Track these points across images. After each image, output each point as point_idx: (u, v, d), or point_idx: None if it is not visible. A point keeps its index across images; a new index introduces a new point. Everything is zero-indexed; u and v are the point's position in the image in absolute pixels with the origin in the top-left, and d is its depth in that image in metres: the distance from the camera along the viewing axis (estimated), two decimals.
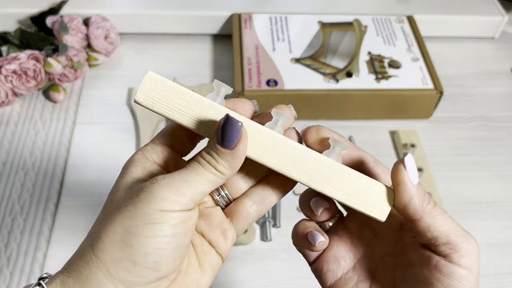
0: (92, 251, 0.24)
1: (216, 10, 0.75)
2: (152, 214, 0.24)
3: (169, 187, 0.25)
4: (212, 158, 0.26)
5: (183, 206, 0.25)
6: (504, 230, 0.58)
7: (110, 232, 0.24)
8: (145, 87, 0.27)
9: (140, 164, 0.27)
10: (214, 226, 0.29)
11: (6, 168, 0.60)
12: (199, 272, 0.28)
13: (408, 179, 0.27)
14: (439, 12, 0.78)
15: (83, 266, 0.24)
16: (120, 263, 0.24)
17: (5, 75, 0.63)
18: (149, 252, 0.24)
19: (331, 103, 0.65)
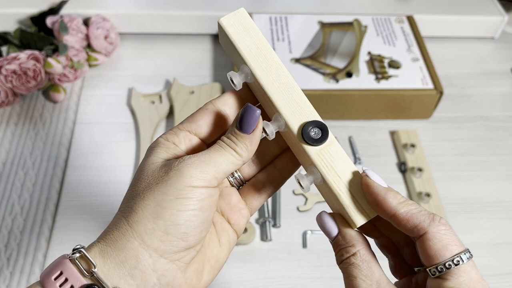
0: (127, 223, 0.27)
1: (216, 10, 0.75)
2: (181, 189, 0.27)
3: (195, 165, 0.27)
4: (231, 141, 0.29)
5: (207, 183, 0.27)
6: (504, 230, 0.58)
7: (143, 206, 0.27)
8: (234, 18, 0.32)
9: (164, 146, 0.30)
10: (232, 205, 0.33)
11: (6, 168, 0.60)
12: (219, 247, 0.32)
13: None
14: (439, 12, 0.78)
15: (120, 236, 0.27)
16: (153, 233, 0.26)
17: (5, 75, 0.63)
18: (179, 224, 0.27)
19: (331, 103, 0.65)
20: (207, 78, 0.72)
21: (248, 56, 0.30)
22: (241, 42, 0.30)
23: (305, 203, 0.58)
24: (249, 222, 0.56)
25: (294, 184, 0.59)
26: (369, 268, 0.28)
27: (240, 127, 0.29)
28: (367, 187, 0.29)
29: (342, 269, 0.29)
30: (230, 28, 0.31)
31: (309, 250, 0.55)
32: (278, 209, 0.57)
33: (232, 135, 0.29)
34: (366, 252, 0.29)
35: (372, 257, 0.29)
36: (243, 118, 0.29)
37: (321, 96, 0.64)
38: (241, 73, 0.31)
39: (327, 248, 0.34)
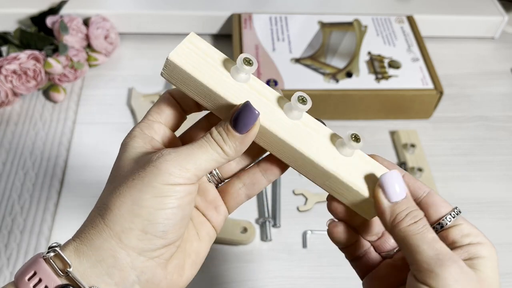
0: (103, 221, 0.26)
1: (216, 10, 0.75)
2: (159, 187, 0.26)
3: (174, 163, 0.26)
4: (221, 138, 0.27)
5: (187, 180, 0.26)
6: (504, 230, 0.58)
7: (120, 204, 0.26)
8: (167, 71, 0.29)
9: (140, 139, 0.29)
10: (208, 201, 0.32)
11: (6, 168, 0.60)
12: (198, 240, 0.30)
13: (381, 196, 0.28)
14: (439, 12, 0.78)
15: (96, 235, 0.26)
16: (130, 232, 0.26)
17: (5, 75, 0.63)
18: (158, 222, 0.26)
19: (331, 103, 0.65)
20: None
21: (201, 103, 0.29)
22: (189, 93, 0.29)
23: (305, 203, 0.58)
24: (249, 222, 0.56)
25: (294, 184, 0.59)
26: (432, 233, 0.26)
27: (234, 124, 0.27)
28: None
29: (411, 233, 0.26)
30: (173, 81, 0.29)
31: (309, 250, 0.55)
32: (278, 209, 0.57)
33: (223, 131, 0.27)
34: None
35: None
36: (239, 116, 0.27)
37: (321, 96, 0.64)
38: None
39: (327, 248, 0.34)
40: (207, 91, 0.28)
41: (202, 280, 0.52)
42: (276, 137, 0.28)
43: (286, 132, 0.28)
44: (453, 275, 0.25)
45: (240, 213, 0.56)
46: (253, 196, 0.32)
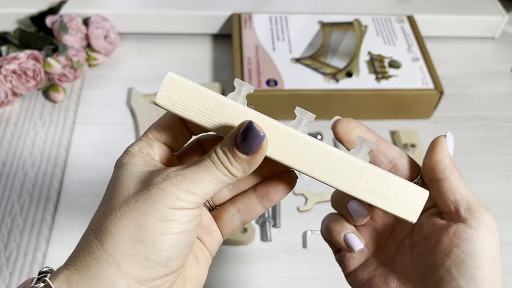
0: (101, 246, 0.24)
1: (216, 10, 0.75)
2: (164, 211, 0.24)
3: (181, 186, 0.24)
4: (227, 159, 0.25)
5: (193, 204, 0.25)
6: (504, 230, 0.58)
7: (121, 228, 0.24)
8: (165, 89, 0.26)
9: (141, 159, 0.27)
10: (203, 226, 0.30)
11: (5, 168, 0.60)
12: (197, 265, 0.29)
13: (445, 142, 0.29)
14: (439, 12, 0.78)
15: (92, 262, 0.24)
16: (132, 259, 0.24)
17: (4, 75, 0.63)
18: (162, 249, 0.24)
19: (331, 103, 0.65)
20: (207, 78, 0.72)
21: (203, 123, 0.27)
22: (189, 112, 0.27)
23: (305, 203, 0.58)
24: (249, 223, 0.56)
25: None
26: None
27: (240, 147, 0.25)
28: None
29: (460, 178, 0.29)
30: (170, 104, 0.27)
31: (309, 250, 0.55)
32: (278, 209, 0.57)
33: (228, 152, 0.25)
34: None
35: None
36: (244, 138, 0.25)
37: (321, 96, 0.64)
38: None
39: (327, 248, 0.34)
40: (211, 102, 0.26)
41: None
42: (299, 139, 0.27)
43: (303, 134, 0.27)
44: (494, 221, 0.27)
45: None
46: (247, 222, 0.31)
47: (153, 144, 0.28)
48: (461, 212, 0.27)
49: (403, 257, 0.30)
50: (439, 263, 0.27)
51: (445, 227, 0.28)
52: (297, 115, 0.28)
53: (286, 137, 0.27)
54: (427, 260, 0.28)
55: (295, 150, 0.27)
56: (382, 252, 0.32)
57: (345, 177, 0.27)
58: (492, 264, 0.26)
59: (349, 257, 0.32)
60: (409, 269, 0.29)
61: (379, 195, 0.27)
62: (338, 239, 0.30)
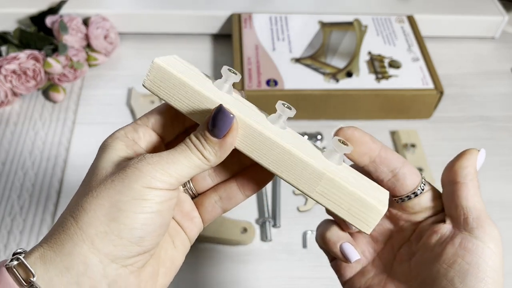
0: (76, 224, 0.24)
1: (216, 10, 0.75)
2: (139, 190, 0.24)
3: (156, 166, 0.25)
4: (199, 143, 0.26)
5: (169, 185, 0.25)
6: (504, 230, 0.58)
7: (96, 206, 0.24)
8: (151, 74, 0.28)
9: (123, 142, 0.28)
10: (184, 212, 0.30)
11: (5, 168, 0.60)
12: (173, 248, 0.29)
13: (477, 155, 0.29)
14: (439, 12, 0.78)
15: (66, 239, 0.24)
16: (105, 236, 0.24)
17: (4, 75, 0.63)
18: (135, 228, 0.24)
19: (331, 103, 0.65)
20: None
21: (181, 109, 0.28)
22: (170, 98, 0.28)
23: (305, 203, 0.58)
24: (249, 222, 0.56)
25: None
26: None
27: (211, 129, 0.26)
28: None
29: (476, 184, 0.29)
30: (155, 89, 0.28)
31: (309, 250, 0.55)
32: (278, 209, 0.57)
33: (201, 136, 0.26)
34: None
35: None
36: (214, 120, 0.26)
37: (321, 96, 0.64)
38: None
39: None
40: (193, 94, 0.27)
41: (202, 280, 0.52)
42: (262, 136, 0.27)
43: (272, 133, 0.27)
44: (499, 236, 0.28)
45: (240, 213, 0.56)
46: (229, 210, 0.31)
47: (139, 129, 0.28)
48: (469, 221, 0.27)
49: (401, 265, 0.30)
50: (442, 274, 0.27)
51: (450, 237, 0.28)
52: (277, 110, 0.28)
53: (253, 133, 0.27)
54: (429, 270, 0.28)
55: (260, 146, 0.27)
56: (379, 259, 0.32)
57: (304, 179, 0.27)
58: (495, 277, 0.26)
59: (345, 265, 0.32)
60: (408, 278, 0.29)
61: (336, 203, 0.27)
62: (334, 249, 0.31)
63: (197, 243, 0.54)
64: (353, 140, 0.29)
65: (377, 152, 0.29)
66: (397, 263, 0.31)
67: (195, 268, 0.53)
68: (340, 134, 0.29)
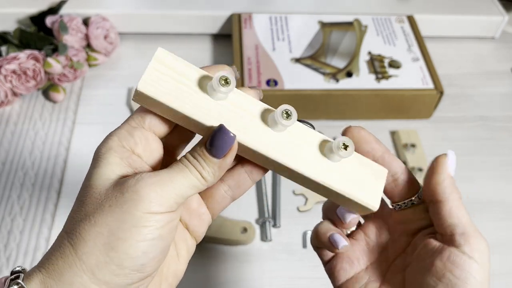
0: (75, 253, 0.24)
1: (216, 10, 0.75)
2: (139, 216, 0.24)
3: (156, 188, 0.24)
4: (198, 163, 0.25)
5: (168, 208, 0.25)
6: (504, 230, 0.58)
7: (95, 235, 0.24)
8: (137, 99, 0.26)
9: (117, 154, 0.26)
10: (192, 210, 0.29)
11: (5, 168, 0.60)
12: (176, 261, 0.29)
13: (447, 163, 0.29)
14: (439, 12, 0.78)
15: (66, 268, 0.24)
16: (106, 266, 0.23)
17: (4, 75, 0.63)
18: (137, 256, 0.24)
19: (331, 103, 0.65)
20: None
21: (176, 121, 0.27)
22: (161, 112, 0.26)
23: (305, 203, 0.58)
24: (249, 222, 0.56)
25: (294, 184, 0.59)
26: None
27: (210, 149, 0.25)
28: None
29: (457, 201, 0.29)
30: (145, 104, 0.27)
31: (309, 250, 0.55)
32: (278, 209, 0.57)
33: (199, 156, 0.25)
34: None
35: None
36: (214, 140, 0.25)
37: (321, 96, 0.64)
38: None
39: None
40: (183, 117, 0.26)
41: (202, 280, 0.52)
42: (260, 154, 0.27)
43: (270, 148, 0.27)
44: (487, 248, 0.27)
45: (240, 213, 0.56)
46: (237, 198, 0.31)
47: (135, 133, 0.26)
48: (455, 237, 0.27)
49: (395, 275, 0.31)
50: (432, 286, 0.27)
51: (438, 250, 0.28)
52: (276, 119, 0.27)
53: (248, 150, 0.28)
54: (421, 282, 0.28)
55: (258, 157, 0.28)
56: (373, 267, 0.32)
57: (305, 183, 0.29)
58: None
59: (339, 268, 0.32)
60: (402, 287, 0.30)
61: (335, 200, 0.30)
62: (323, 239, 0.31)
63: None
64: (358, 139, 0.30)
65: (380, 153, 0.30)
66: (391, 273, 0.31)
67: (195, 268, 0.53)
68: (348, 133, 0.30)
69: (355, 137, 0.30)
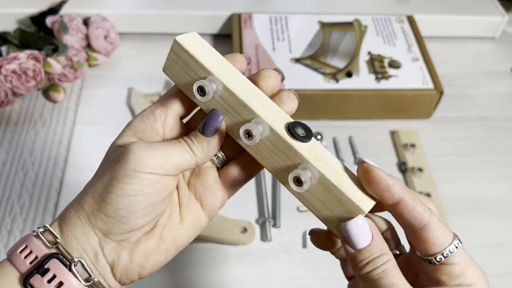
0: (79, 202, 0.29)
1: (216, 10, 0.75)
2: (126, 174, 0.27)
3: (143, 150, 0.28)
4: (190, 139, 0.30)
5: (153, 169, 0.28)
6: (504, 230, 0.58)
7: (94, 188, 0.29)
8: (173, 54, 0.31)
9: (133, 128, 0.31)
10: (207, 185, 0.32)
11: (5, 168, 0.60)
12: (177, 229, 0.31)
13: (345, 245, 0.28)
14: (439, 12, 0.78)
15: (73, 213, 0.29)
16: (97, 214, 0.28)
17: (4, 75, 0.63)
18: (119, 208, 0.28)
19: (331, 103, 0.65)
20: None
21: (217, 70, 0.30)
22: (205, 58, 0.30)
23: None
24: (249, 222, 0.56)
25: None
26: (399, 271, 0.27)
27: (201, 129, 0.30)
28: (369, 173, 0.27)
29: (370, 279, 0.26)
30: (190, 46, 0.31)
31: (309, 250, 0.55)
32: (278, 209, 0.57)
33: (192, 135, 0.30)
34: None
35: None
36: (206, 121, 0.30)
37: (321, 96, 0.64)
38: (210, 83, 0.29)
39: None
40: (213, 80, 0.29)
41: (202, 280, 0.52)
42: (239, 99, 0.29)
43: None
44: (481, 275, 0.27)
45: (240, 213, 0.56)
46: (253, 177, 0.33)
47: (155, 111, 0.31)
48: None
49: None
50: None
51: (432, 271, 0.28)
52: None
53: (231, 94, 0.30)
54: None
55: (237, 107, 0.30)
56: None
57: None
58: None
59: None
60: None
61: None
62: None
63: (197, 243, 0.54)
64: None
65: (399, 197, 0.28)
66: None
67: (195, 268, 0.53)
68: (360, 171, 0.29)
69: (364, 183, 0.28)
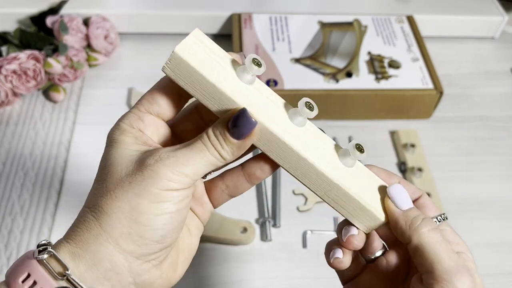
0: (99, 225, 0.25)
1: (216, 10, 0.75)
2: (157, 193, 0.25)
3: (173, 168, 0.25)
4: (218, 142, 0.26)
5: (185, 185, 0.26)
6: (504, 230, 0.58)
7: (116, 209, 0.25)
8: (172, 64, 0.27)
9: (131, 134, 0.27)
10: (196, 197, 0.31)
11: (6, 168, 0.60)
12: (189, 236, 0.31)
13: (392, 206, 0.29)
14: (439, 12, 0.78)
15: (91, 239, 0.25)
16: (129, 237, 0.25)
17: (5, 75, 0.63)
18: (157, 228, 0.26)
19: (331, 103, 0.65)
20: None
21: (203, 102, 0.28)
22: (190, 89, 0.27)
23: (305, 203, 0.58)
24: (249, 222, 0.56)
25: (294, 184, 0.59)
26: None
27: (231, 131, 0.26)
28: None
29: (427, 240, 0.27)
30: (175, 77, 0.27)
31: (309, 250, 0.55)
32: (278, 209, 0.57)
33: (220, 136, 0.26)
34: None
35: None
36: (236, 123, 0.26)
37: (321, 96, 0.64)
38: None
39: None
40: (213, 90, 0.27)
41: (202, 280, 0.52)
42: (280, 141, 0.27)
43: (290, 137, 0.27)
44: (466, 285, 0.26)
45: (240, 213, 0.57)
46: (236, 196, 0.32)
47: (144, 118, 0.28)
48: (424, 276, 0.27)
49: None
50: None
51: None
52: (298, 107, 0.28)
53: (271, 137, 0.28)
54: None
55: (276, 148, 0.28)
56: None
57: (317, 184, 0.29)
58: None
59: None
60: None
61: (343, 207, 0.30)
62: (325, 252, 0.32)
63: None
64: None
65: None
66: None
67: (195, 268, 0.53)
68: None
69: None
